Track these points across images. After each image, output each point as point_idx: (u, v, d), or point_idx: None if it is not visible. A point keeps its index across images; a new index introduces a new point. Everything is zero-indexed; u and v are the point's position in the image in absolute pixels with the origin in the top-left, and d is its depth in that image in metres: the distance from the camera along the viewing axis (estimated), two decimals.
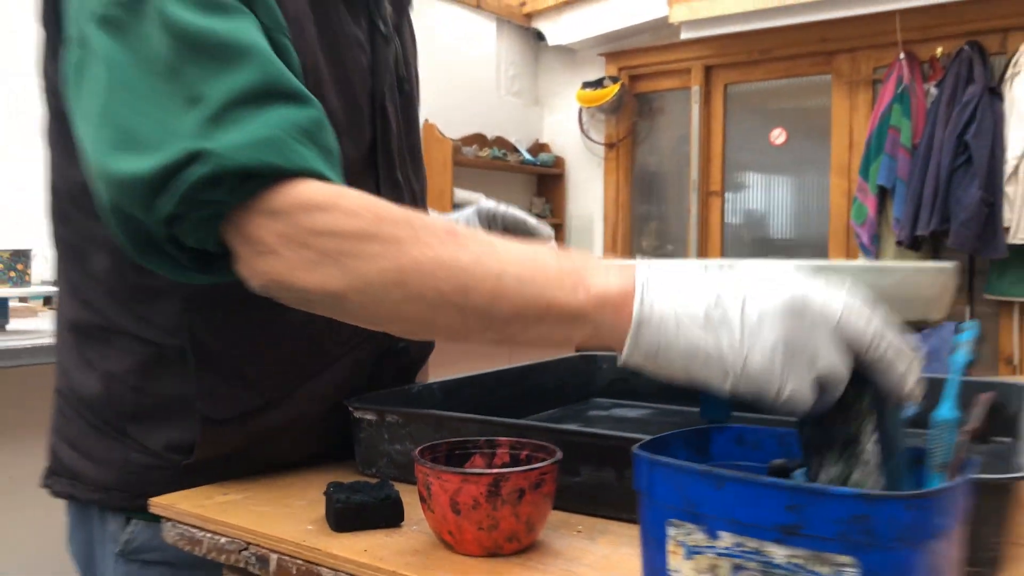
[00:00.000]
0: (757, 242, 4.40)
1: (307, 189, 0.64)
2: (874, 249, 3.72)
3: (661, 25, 4.23)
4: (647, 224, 4.76)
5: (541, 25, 4.70)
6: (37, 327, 2.08)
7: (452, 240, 0.62)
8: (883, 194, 3.70)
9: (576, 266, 0.60)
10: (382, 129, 0.90)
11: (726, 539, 0.52)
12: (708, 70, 4.42)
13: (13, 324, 2.02)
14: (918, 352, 0.57)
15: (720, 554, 0.52)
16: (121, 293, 0.81)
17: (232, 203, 0.64)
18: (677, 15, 4.00)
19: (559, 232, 4.89)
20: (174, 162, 0.62)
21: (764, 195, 4.40)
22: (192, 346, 0.80)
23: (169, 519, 0.78)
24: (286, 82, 0.67)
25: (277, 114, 0.65)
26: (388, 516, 0.72)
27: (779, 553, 0.50)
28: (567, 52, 4.82)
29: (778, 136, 4.25)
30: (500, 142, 4.53)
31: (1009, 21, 3.53)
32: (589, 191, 4.84)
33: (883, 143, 3.66)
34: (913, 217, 3.54)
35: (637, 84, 4.70)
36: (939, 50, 3.63)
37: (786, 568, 0.50)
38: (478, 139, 4.34)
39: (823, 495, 0.49)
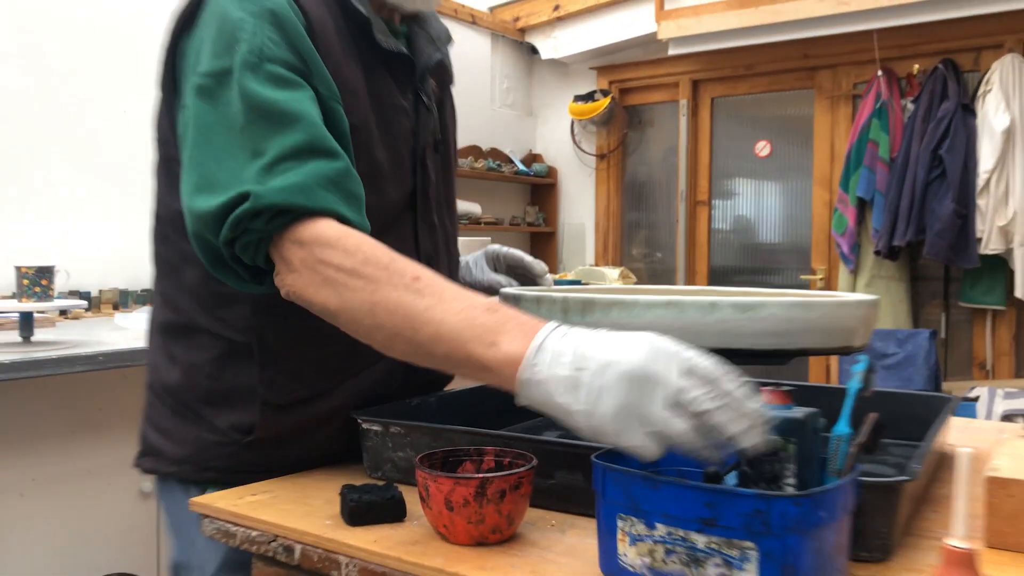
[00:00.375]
0: (743, 248, 4.52)
1: (324, 227, 0.84)
2: (853, 258, 3.84)
3: (650, 40, 4.31)
4: (637, 232, 4.84)
5: (534, 40, 4.78)
6: (59, 338, 2.20)
7: (415, 286, 0.79)
8: (862, 205, 3.80)
9: (499, 326, 0.73)
10: (422, 179, 1.08)
11: (661, 529, 0.66)
12: (695, 84, 4.51)
13: (36, 335, 2.14)
14: (758, 414, 0.65)
15: (656, 541, 0.66)
16: (204, 299, 1.00)
17: (270, 232, 0.84)
18: (665, 32, 4.10)
19: (552, 240, 4.99)
20: (231, 200, 0.83)
21: (749, 204, 4.51)
22: (258, 343, 0.98)
23: (207, 516, 0.92)
24: (324, 142, 0.88)
25: (312, 166, 0.86)
26: (393, 512, 0.85)
27: (700, 540, 0.64)
28: (560, 66, 4.89)
29: (763, 148, 4.36)
30: (495, 153, 4.63)
31: (981, 40, 3.65)
32: (581, 200, 4.91)
33: (862, 156, 3.77)
34: (890, 228, 3.65)
35: (627, 97, 4.78)
36: (916, 67, 3.75)
37: (705, 552, 0.64)
38: (473, 151, 4.45)
39: (732, 495, 0.63)
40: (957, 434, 1.28)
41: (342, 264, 0.81)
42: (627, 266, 4.75)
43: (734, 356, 0.90)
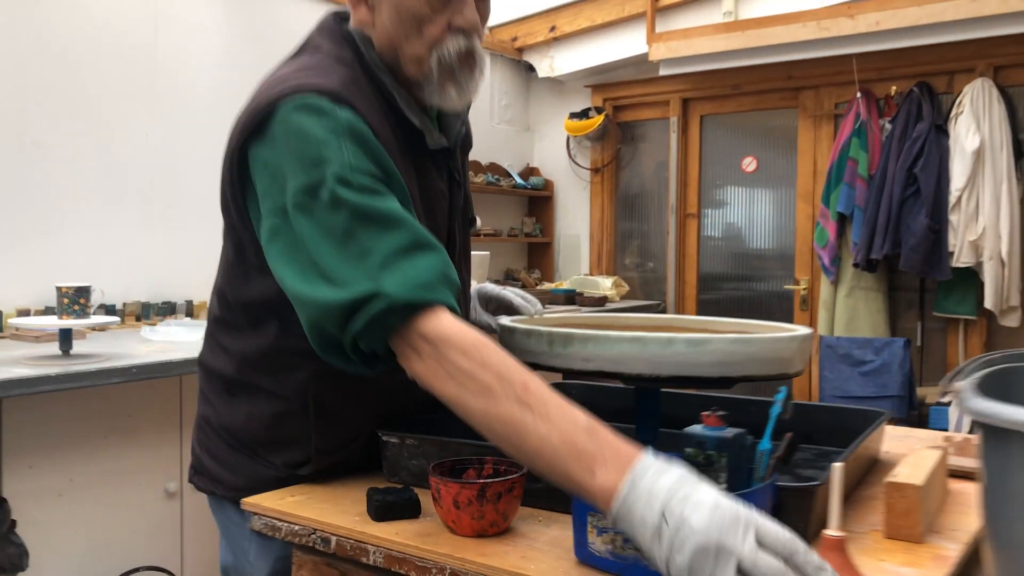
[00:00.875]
0: (730, 259, 4.70)
1: (445, 323, 0.94)
2: (834, 270, 4.03)
3: (642, 60, 4.47)
4: (630, 242, 5.01)
5: (532, 59, 4.95)
6: (93, 351, 2.39)
7: (524, 398, 0.86)
8: (842, 220, 3.97)
9: (598, 453, 0.80)
10: (451, 247, 1.24)
11: None
12: (685, 102, 4.68)
13: (73, 347, 2.33)
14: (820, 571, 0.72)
15: (617, 532, 0.86)
16: (267, 367, 1.16)
17: (399, 324, 0.95)
18: (656, 53, 4.27)
19: (548, 250, 5.17)
20: (361, 297, 0.94)
21: (736, 217, 4.68)
22: (313, 403, 1.15)
23: (256, 513, 1.12)
24: (425, 238, 1.01)
25: (424, 262, 0.97)
26: (411, 510, 1.04)
27: None
28: (556, 83, 5.05)
29: (749, 164, 4.55)
30: (494, 168, 4.81)
31: (954, 65, 3.83)
32: (576, 212, 5.07)
33: (843, 173, 3.94)
34: (868, 242, 3.83)
35: (620, 114, 4.94)
36: (893, 89, 3.93)
37: None
38: (473, 165, 4.63)
39: None
40: (895, 443, 1.47)
41: (462, 364, 0.91)
42: (620, 275, 4.94)
43: (688, 382, 1.10)
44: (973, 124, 3.64)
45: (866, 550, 0.95)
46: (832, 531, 0.76)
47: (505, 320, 1.30)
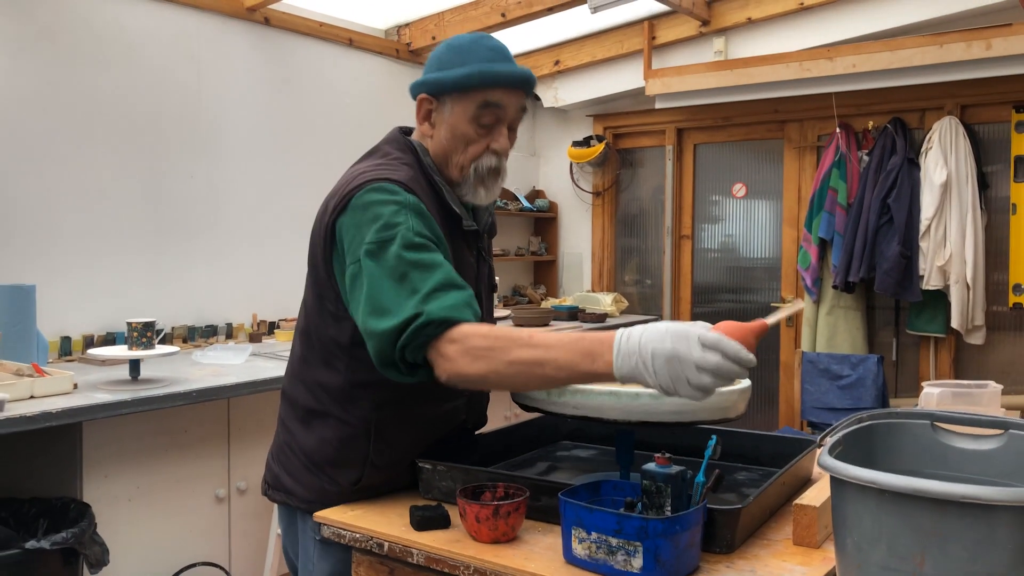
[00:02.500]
0: (722, 275, 5.03)
1: (466, 328, 1.28)
2: (816, 291, 4.36)
3: (640, 92, 4.79)
4: (629, 260, 5.31)
5: (537, 90, 5.24)
6: (155, 375, 2.75)
7: (531, 342, 1.24)
8: (823, 244, 4.31)
9: (592, 348, 1.20)
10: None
11: (594, 535, 1.21)
12: (680, 132, 5.00)
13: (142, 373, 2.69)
14: (749, 360, 1.14)
15: (591, 542, 1.21)
16: (339, 397, 1.49)
17: (434, 336, 1.28)
18: (652, 88, 4.60)
19: (553, 267, 5.49)
20: (408, 318, 1.28)
21: (727, 238, 5.00)
22: (374, 429, 1.49)
23: (325, 524, 1.47)
24: (458, 279, 1.36)
25: (456, 294, 1.32)
26: (443, 522, 1.39)
27: (614, 541, 1.18)
28: (560, 112, 5.36)
29: (739, 190, 4.89)
30: (502, 192, 5.16)
31: (925, 103, 4.15)
32: (579, 232, 5.39)
33: (824, 201, 4.26)
34: (847, 265, 4.16)
35: (620, 141, 5.26)
36: (871, 123, 4.26)
37: (616, 547, 1.18)
38: None
39: (629, 517, 1.18)
40: None
41: (481, 344, 1.25)
42: (620, 291, 5.28)
43: (652, 426, 1.45)
44: (941, 158, 3.96)
45: (777, 553, 1.30)
46: (769, 321, 1.20)
47: None
